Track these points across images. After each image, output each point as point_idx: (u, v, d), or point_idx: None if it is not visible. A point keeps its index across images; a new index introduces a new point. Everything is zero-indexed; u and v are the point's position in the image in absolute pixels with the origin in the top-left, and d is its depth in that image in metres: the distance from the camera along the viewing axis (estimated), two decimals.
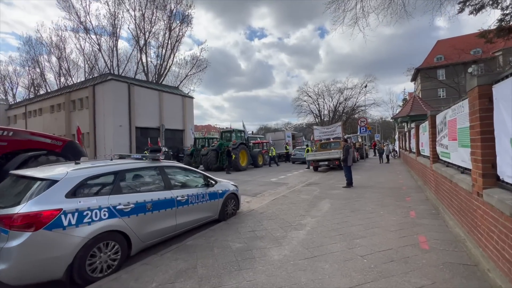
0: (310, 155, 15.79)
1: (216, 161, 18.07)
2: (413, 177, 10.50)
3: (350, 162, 9.17)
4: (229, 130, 19.83)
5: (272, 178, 13.10)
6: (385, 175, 12.00)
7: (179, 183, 4.78)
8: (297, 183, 11.27)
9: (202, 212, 5.00)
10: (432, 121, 6.28)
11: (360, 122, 22.75)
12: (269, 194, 8.90)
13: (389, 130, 72.21)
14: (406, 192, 7.63)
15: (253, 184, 11.43)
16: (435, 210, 5.40)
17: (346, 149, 9.14)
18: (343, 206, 6.29)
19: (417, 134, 9.64)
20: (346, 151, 9.10)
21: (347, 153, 9.08)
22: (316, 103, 63.08)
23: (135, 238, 3.68)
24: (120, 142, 23.02)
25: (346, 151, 9.10)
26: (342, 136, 17.07)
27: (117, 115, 22.94)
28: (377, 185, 9.12)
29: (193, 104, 32.39)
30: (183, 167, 5.02)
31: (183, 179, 4.95)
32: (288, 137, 26.98)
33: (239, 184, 12.31)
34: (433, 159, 6.30)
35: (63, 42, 40.95)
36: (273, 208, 6.47)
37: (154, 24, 38.24)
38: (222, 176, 14.83)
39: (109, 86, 23.11)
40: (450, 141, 4.72)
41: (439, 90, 48.10)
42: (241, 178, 13.63)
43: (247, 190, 9.75)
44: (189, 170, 5.14)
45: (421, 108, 27.16)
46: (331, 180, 11.07)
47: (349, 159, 9.11)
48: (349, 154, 9.09)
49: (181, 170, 5.03)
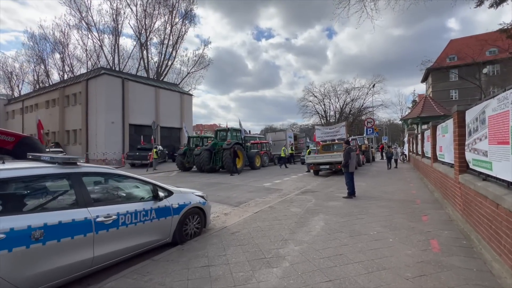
0: (310, 157, 14.34)
1: (209, 162, 16.79)
2: (427, 187, 8.98)
3: (352, 168, 7.72)
4: (224, 129, 18.52)
5: (265, 183, 11.72)
6: (393, 183, 10.48)
7: (106, 197, 3.46)
8: (292, 189, 9.86)
9: (144, 235, 3.66)
10: (459, 118, 4.81)
11: (367, 123, 21.13)
12: (255, 204, 7.52)
13: (397, 133, 69.95)
14: (421, 207, 6.15)
15: (242, 189, 10.08)
16: (466, 240, 3.93)
17: (347, 152, 7.69)
18: (340, 226, 4.87)
19: (433, 136, 8.13)
20: (347, 155, 7.65)
21: (348, 157, 7.63)
22: (322, 104, 61.46)
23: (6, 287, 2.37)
24: (112, 139, 21.96)
25: (347, 155, 7.65)
26: (347, 137, 15.57)
27: (110, 111, 21.88)
28: (385, 196, 7.66)
29: (192, 102, 31.20)
30: (117, 173, 3.66)
31: (114, 191, 3.62)
32: (289, 137, 25.51)
33: (227, 189, 11.00)
34: (460, 168, 4.83)
35: (66, 38, 40.47)
36: (251, 225, 5.10)
37: (156, 20, 37.31)
38: (220, 177, 13.55)
39: (102, 81, 22.08)
40: (494, 145, 3.29)
41: (451, 91, 45.93)
42: (232, 182, 12.29)
43: (231, 198, 8.40)
44: (128, 177, 3.79)
45: (433, 109, 25.39)
46: (331, 187, 9.62)
47: (350, 164, 7.66)
48: (351, 159, 7.63)
49: (114, 178, 3.70)
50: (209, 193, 9.33)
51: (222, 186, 10.98)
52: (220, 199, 8.17)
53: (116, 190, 3.67)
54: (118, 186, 3.73)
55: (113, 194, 3.55)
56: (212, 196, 8.70)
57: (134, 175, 3.89)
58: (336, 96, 60.46)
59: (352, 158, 7.70)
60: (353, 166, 7.79)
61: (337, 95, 60.33)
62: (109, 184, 3.63)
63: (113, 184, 3.68)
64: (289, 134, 25.57)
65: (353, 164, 7.76)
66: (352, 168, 7.71)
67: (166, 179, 14.25)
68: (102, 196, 3.41)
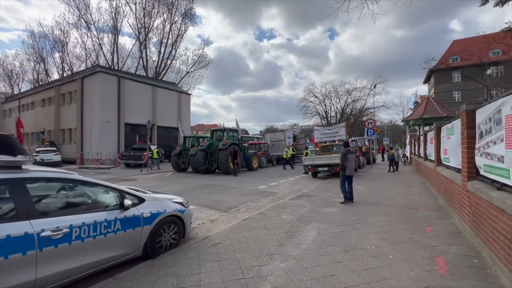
0: (307, 159, 13.84)
1: (204, 163, 16.31)
2: (430, 192, 8.46)
3: (350, 171, 7.23)
4: (220, 128, 18.05)
5: (261, 185, 11.22)
6: (394, 186, 9.97)
7: (56, 207, 2.97)
8: (287, 193, 9.37)
9: (106, 250, 3.18)
10: (468, 119, 4.31)
11: (368, 123, 20.59)
12: (246, 209, 7.03)
13: (398, 134, 69.35)
14: (425, 216, 5.64)
15: (235, 192, 9.59)
16: (477, 259, 3.43)
17: (344, 154, 7.20)
18: (334, 238, 4.38)
19: (437, 138, 7.62)
20: (344, 157, 7.16)
21: (344, 160, 7.14)
22: (323, 104, 60.91)
23: None
24: (107, 138, 21.53)
25: (344, 157, 7.16)
26: (346, 138, 15.06)
27: (105, 110, 21.44)
28: (385, 202, 7.15)
29: (190, 101, 30.73)
30: (73, 179, 3.15)
31: (69, 200, 3.13)
32: (288, 138, 25.00)
33: (219, 191, 10.48)
34: (469, 174, 4.33)
35: (65, 37, 40.12)
36: (236, 235, 4.62)
37: (155, 18, 36.92)
38: (215, 179, 12.75)
39: (97, 79, 21.64)
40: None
41: (454, 93, 45.35)
42: (226, 184, 11.81)
43: (222, 202, 7.91)
44: (89, 183, 3.30)
45: (436, 110, 24.81)
46: (328, 191, 9.12)
47: (348, 167, 7.17)
48: (348, 161, 7.14)
49: (69, 184, 3.20)
50: (199, 196, 8.90)
51: (215, 189, 10.50)
52: (210, 203, 7.69)
53: (72, 198, 3.18)
54: (75, 193, 3.23)
55: (67, 203, 3.06)
56: (202, 200, 8.23)
57: (96, 180, 3.40)
58: (337, 96, 59.89)
59: (349, 161, 7.20)
60: (351, 169, 7.28)
61: (338, 96, 59.78)
62: (64, 192, 3.14)
63: (69, 191, 3.19)
64: (288, 135, 25.06)
65: (351, 167, 7.25)
66: (350, 172, 7.21)
67: (159, 180, 13.80)
68: (52, 206, 2.92)
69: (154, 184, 12.31)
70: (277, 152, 24.39)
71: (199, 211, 6.82)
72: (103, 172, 17.52)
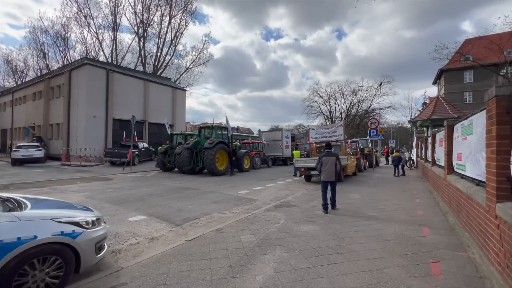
0: (299, 161, 12.42)
1: (189, 162, 15.03)
2: (438, 205, 6.96)
3: (327, 176, 6.36)
4: (208, 126, 16.72)
5: (242, 190, 9.85)
6: (396, 196, 8.49)
7: None
8: (268, 201, 7.99)
9: None
10: (500, 109, 2.87)
11: (371, 123, 18.97)
12: (206, 223, 5.68)
13: (406, 136, 67.12)
14: (430, 243, 4.18)
15: (206, 199, 8.24)
16: None
17: (319, 157, 6.15)
18: (295, 281, 2.98)
19: (448, 140, 6.13)
20: (318, 161, 6.40)
21: (318, 163, 6.46)
22: (327, 104, 59.14)
23: None
24: (93, 135, 20.41)
25: (318, 161, 6.40)
26: (344, 139, 13.58)
27: (91, 105, 20.32)
28: (380, 217, 5.70)
29: (185, 97, 29.48)
30: None
31: None
32: (286, 137, 23.56)
33: (189, 197, 8.46)
34: (499, 192, 2.89)
35: (66, 31, 39.30)
36: (158, 270, 3.27)
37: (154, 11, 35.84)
38: (195, 180, 11.02)
39: (84, 72, 20.52)
40: None
41: (465, 94, 43.14)
42: (204, 187, 10.47)
43: (182, 211, 6.58)
44: None
45: (446, 111, 23.03)
46: (316, 200, 7.70)
47: (323, 172, 6.36)
48: (324, 165, 6.32)
49: None
50: (161, 203, 7.47)
51: (186, 193, 9.17)
52: (167, 213, 6.36)
53: None
54: None
55: None
56: (161, 208, 6.91)
57: None
58: (343, 96, 58.09)
59: (325, 165, 6.28)
60: (330, 174, 6.32)
61: (344, 96, 57.96)
62: None
63: None
64: (285, 134, 23.62)
65: (329, 171, 6.29)
66: (327, 177, 6.28)
67: (135, 181, 12.56)
68: None
69: (126, 185, 11.08)
70: (274, 153, 22.99)
71: (147, 224, 5.51)
72: (82, 170, 16.40)
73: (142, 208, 6.85)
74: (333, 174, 6.26)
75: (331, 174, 6.25)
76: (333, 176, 6.27)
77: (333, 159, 6.27)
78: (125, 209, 6.67)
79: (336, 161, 6.22)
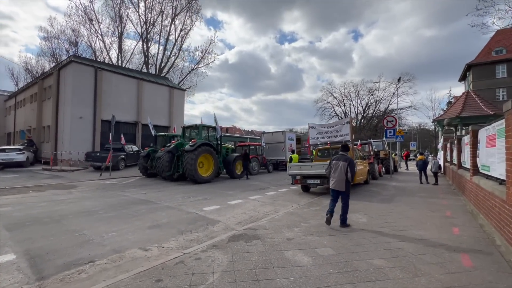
0: (293, 167, 9.96)
1: (169, 168, 12.99)
2: (493, 244, 4.28)
3: (335, 184, 5.17)
4: (192, 125, 14.61)
5: (210, 206, 7.55)
6: (418, 219, 5.85)
7: None
8: (232, 225, 5.66)
9: None
10: None
11: (387, 122, 16.10)
12: (91, 274, 3.42)
13: (428, 138, 62.02)
14: None
15: (151, 219, 6.02)
16: None
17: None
18: None
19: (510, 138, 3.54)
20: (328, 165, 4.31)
21: (328, 168, 5.32)
22: (342, 105, 55.71)
23: None
24: (79, 136, 18.97)
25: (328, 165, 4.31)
26: (351, 139, 10.95)
27: (77, 105, 18.91)
28: (393, 270, 3.19)
29: (184, 97, 27.75)
30: None
31: None
32: (290, 139, 21.04)
33: (133, 216, 6.05)
34: None
35: (75, 35, 39.10)
36: None
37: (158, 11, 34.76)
38: (167, 189, 8.46)
39: (70, 70, 19.22)
40: None
41: (498, 90, 38.52)
42: (166, 201, 8.25)
43: (90, 244, 4.37)
44: None
45: (478, 107, 19.56)
46: (300, 224, 5.26)
47: (332, 178, 5.07)
48: (334, 170, 5.16)
49: None
50: (79, 227, 4.97)
51: (133, 210, 7.01)
52: (54, 249, 4.18)
53: None
54: None
55: None
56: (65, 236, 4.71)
57: None
58: (358, 97, 54.50)
59: (335, 170, 5.22)
60: (340, 181, 5.17)
61: (359, 96, 54.35)
62: None
63: None
64: (289, 136, 21.10)
65: (338, 178, 5.16)
66: (336, 185, 5.19)
67: (101, 189, 10.64)
68: None
69: (79, 196, 9.15)
70: (275, 156, 20.54)
71: (3, 270, 3.36)
72: (57, 176, 14.81)
73: (33, 237, 4.73)
74: (342, 183, 5.20)
75: (341, 182, 5.20)
76: (342, 185, 5.21)
77: (344, 164, 5.19)
78: (1, 241, 4.59)
79: (348, 167, 5.09)
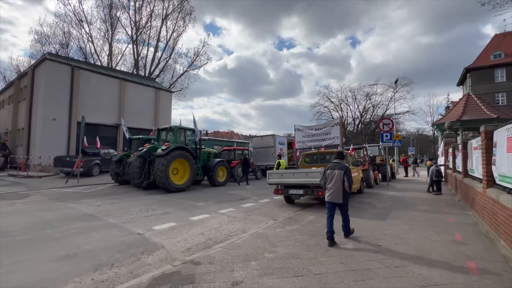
0: (273, 174, 8.59)
1: (140, 174, 11.61)
2: (506, 267, 2.93)
3: (333, 196, 4.64)
4: (166, 127, 13.29)
5: (165, 224, 6.16)
6: (420, 245, 4.48)
7: None
8: (181, 250, 4.27)
9: None
10: None
11: (383, 125, 14.87)
12: None
13: (426, 144, 60.93)
14: None
15: (70, 245, 4.63)
16: None
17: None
18: None
19: None
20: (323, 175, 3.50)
21: (323, 178, 4.79)
22: (338, 109, 54.70)
23: None
24: (52, 140, 17.59)
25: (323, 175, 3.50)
26: (341, 143, 9.64)
27: (51, 106, 17.60)
28: None
29: (171, 99, 26.49)
30: None
31: None
32: (280, 144, 19.74)
33: (45, 242, 4.18)
34: None
35: (65, 37, 37.88)
36: None
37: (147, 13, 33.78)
38: (128, 201, 6.78)
39: (44, 69, 17.98)
40: None
41: (497, 95, 37.57)
42: (114, 216, 6.84)
43: None
44: None
45: (480, 110, 18.36)
46: (276, 247, 3.88)
47: (328, 190, 4.56)
48: (329, 181, 4.62)
49: None
50: None
51: (60, 230, 5.59)
52: None
53: None
54: None
55: None
56: None
57: None
58: (355, 101, 53.54)
59: (331, 180, 4.70)
60: (336, 193, 4.67)
61: (356, 101, 53.41)
62: None
63: None
64: (279, 140, 19.79)
65: (335, 189, 4.66)
66: (333, 197, 4.68)
67: (53, 200, 9.22)
68: None
69: (26, 207, 7.74)
70: (265, 162, 19.19)
71: None
72: (18, 183, 13.38)
73: None
74: (340, 194, 4.80)
75: (338, 193, 4.78)
76: (340, 197, 4.79)
77: (340, 173, 4.79)
78: None
79: (344, 176, 4.70)
